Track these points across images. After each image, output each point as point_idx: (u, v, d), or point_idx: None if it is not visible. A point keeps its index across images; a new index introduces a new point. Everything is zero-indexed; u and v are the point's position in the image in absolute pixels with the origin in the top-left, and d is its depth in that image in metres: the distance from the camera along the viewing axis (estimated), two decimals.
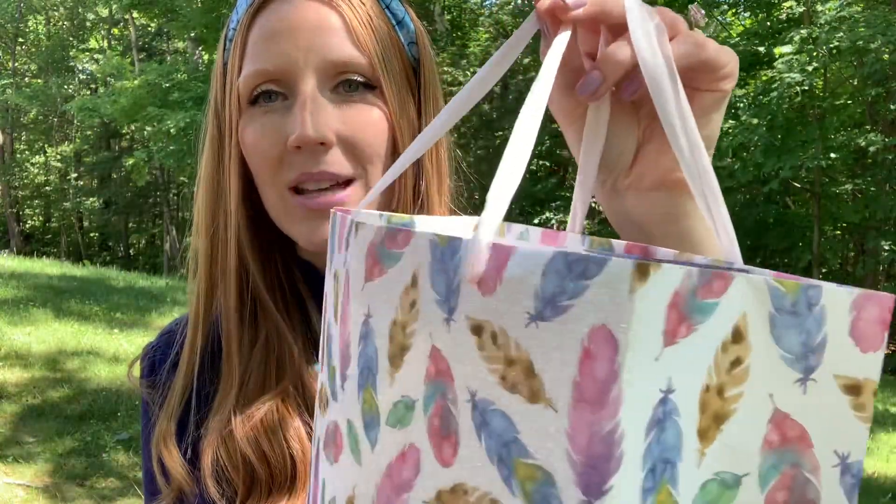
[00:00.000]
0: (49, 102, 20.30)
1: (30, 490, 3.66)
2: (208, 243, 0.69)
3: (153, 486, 0.66)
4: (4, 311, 6.77)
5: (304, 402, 0.64)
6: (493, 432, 0.27)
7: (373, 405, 0.32)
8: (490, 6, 15.40)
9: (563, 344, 0.25)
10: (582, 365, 0.25)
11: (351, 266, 0.35)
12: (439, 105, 0.71)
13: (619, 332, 0.24)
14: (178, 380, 0.68)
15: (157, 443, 0.66)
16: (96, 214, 22.55)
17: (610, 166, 0.46)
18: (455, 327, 0.29)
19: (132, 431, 4.43)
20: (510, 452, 0.27)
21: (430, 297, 0.30)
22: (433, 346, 0.30)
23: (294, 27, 0.62)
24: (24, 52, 23.19)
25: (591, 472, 0.24)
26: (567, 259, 0.25)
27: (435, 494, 0.29)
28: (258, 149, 0.63)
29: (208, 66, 13.92)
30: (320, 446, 0.39)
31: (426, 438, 0.30)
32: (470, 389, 0.28)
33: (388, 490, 0.31)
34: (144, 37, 21.72)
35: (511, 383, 0.27)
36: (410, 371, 0.31)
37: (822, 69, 8.97)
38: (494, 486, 0.27)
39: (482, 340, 0.28)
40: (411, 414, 0.31)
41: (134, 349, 6.00)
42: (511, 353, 0.27)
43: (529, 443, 0.26)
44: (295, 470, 0.61)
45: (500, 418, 0.27)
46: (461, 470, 0.28)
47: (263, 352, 0.66)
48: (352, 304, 0.34)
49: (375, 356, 0.32)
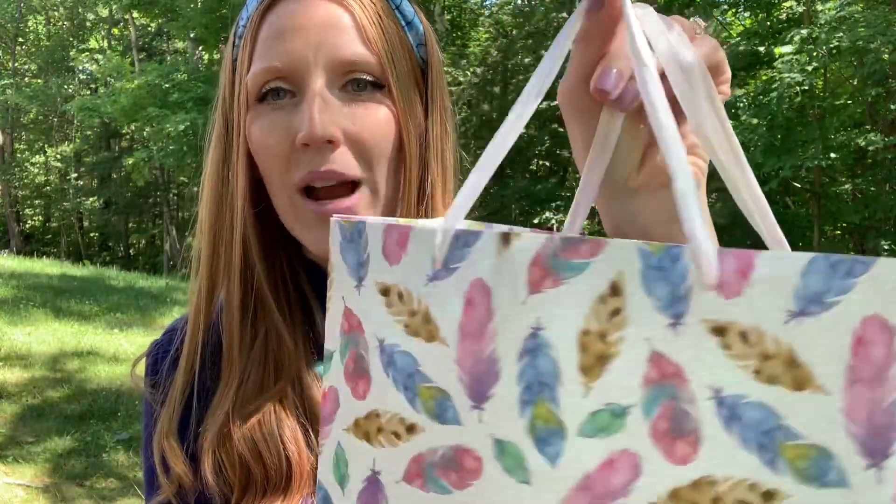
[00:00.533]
0: (49, 102, 20.31)
1: (30, 490, 3.66)
2: (212, 240, 0.69)
3: (155, 483, 0.66)
4: (4, 311, 6.77)
5: (301, 404, 0.64)
6: (749, 423, 0.29)
7: (551, 419, 0.33)
8: (490, 6, 15.40)
9: (833, 334, 0.28)
10: (855, 351, 0.28)
11: (485, 280, 0.35)
12: (446, 107, 0.71)
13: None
14: (178, 377, 0.68)
15: (159, 439, 0.66)
16: (96, 214, 22.55)
17: (616, 168, 0.45)
18: (685, 331, 0.30)
19: (132, 431, 4.43)
20: (773, 439, 0.29)
21: (644, 304, 0.31)
22: (653, 352, 0.31)
23: (304, 25, 0.62)
24: (24, 52, 23.20)
25: (875, 440, 0.28)
26: (829, 260, 0.28)
27: (668, 493, 0.31)
28: (266, 146, 0.63)
29: (208, 66, 13.92)
30: (403, 477, 0.38)
31: (649, 442, 0.31)
32: (714, 387, 0.30)
33: (585, 501, 0.32)
34: (144, 37, 21.72)
35: (768, 376, 0.29)
36: (617, 379, 0.32)
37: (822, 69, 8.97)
38: (752, 470, 0.29)
39: (727, 341, 0.30)
40: (621, 421, 0.32)
41: (134, 349, 6.00)
42: (768, 348, 0.29)
43: (797, 426, 0.29)
44: (290, 471, 0.61)
45: (757, 409, 0.29)
46: (705, 463, 0.30)
47: (262, 351, 0.66)
48: (496, 321, 0.34)
49: (555, 369, 0.33)
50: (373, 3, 0.64)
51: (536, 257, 0.33)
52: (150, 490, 0.68)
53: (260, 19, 0.64)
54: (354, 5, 0.63)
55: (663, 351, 0.31)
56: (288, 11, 0.63)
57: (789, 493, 0.29)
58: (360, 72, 0.62)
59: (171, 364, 0.70)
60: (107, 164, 21.75)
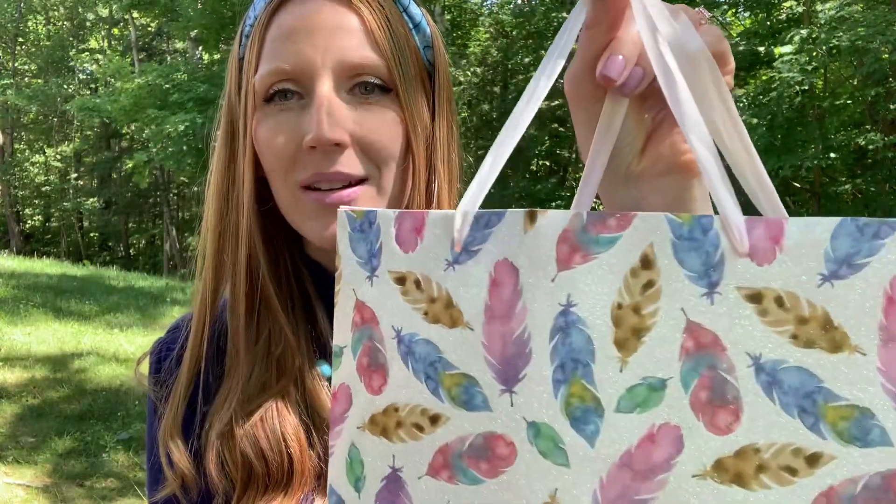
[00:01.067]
0: (49, 102, 20.29)
1: (30, 490, 3.66)
2: (217, 238, 0.69)
3: (160, 479, 0.66)
4: (4, 311, 6.77)
5: (304, 402, 0.65)
6: (789, 388, 0.29)
7: (587, 397, 0.32)
8: (490, 6, 15.40)
9: (865, 295, 0.28)
10: (887, 310, 0.28)
11: (511, 260, 0.35)
12: (452, 109, 0.71)
13: None
14: (182, 374, 0.68)
15: (164, 436, 0.66)
16: (96, 214, 22.55)
17: (619, 154, 0.46)
18: (720, 300, 0.30)
19: (132, 431, 4.43)
20: (814, 402, 0.29)
21: (678, 275, 0.31)
22: (689, 322, 0.31)
23: (313, 27, 0.62)
24: (24, 52, 23.20)
25: None
26: (857, 223, 0.28)
27: (712, 464, 0.30)
28: (272, 147, 0.64)
29: (208, 66, 13.92)
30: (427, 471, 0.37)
31: (690, 413, 0.31)
32: (753, 354, 0.30)
33: (626, 478, 0.32)
34: (144, 37, 21.71)
35: (805, 340, 0.29)
36: (653, 352, 0.32)
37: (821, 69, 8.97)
38: (795, 434, 0.29)
39: (763, 307, 0.30)
40: (661, 394, 0.31)
41: (134, 349, 6.01)
42: (804, 312, 0.29)
43: (836, 388, 0.29)
44: (292, 468, 0.62)
45: (796, 373, 0.29)
46: (748, 431, 0.30)
47: (266, 349, 0.66)
48: (524, 300, 0.34)
49: (589, 345, 0.32)
50: (381, 6, 0.64)
51: (564, 233, 0.33)
52: (154, 486, 0.68)
53: (268, 20, 0.65)
54: (363, 8, 0.63)
55: (699, 321, 0.31)
56: (297, 13, 0.63)
57: (834, 455, 0.29)
58: (368, 75, 0.63)
59: (175, 362, 0.71)
60: (107, 164, 21.75)
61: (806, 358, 0.29)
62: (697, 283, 0.31)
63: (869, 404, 0.28)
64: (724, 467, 0.30)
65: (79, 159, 23.00)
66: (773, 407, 0.30)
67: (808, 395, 0.29)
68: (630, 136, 0.45)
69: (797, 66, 8.44)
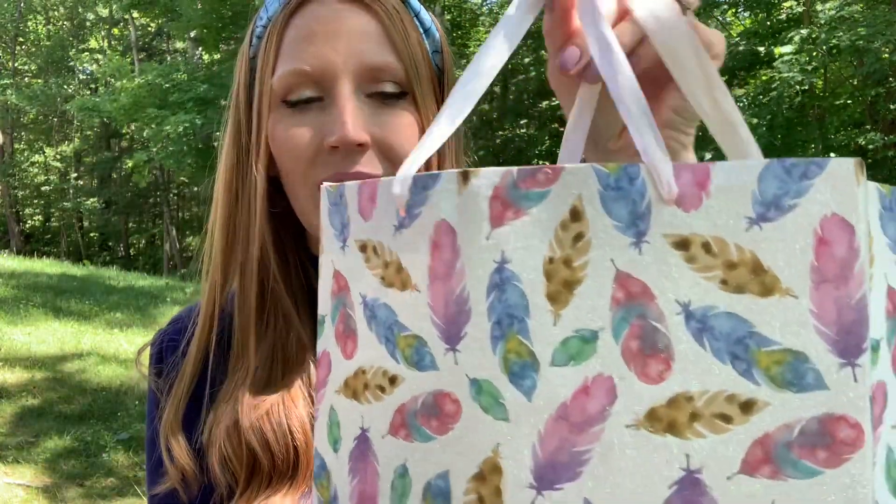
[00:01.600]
0: (49, 102, 20.28)
1: (30, 490, 3.66)
2: (225, 235, 0.70)
3: (160, 471, 0.67)
4: (4, 311, 6.77)
5: (309, 395, 0.65)
6: (720, 334, 0.29)
7: (523, 352, 0.32)
8: (490, 6, 15.40)
9: (794, 236, 0.28)
10: (818, 251, 0.27)
11: (448, 221, 0.35)
12: None
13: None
14: (187, 367, 0.69)
15: (165, 429, 0.66)
16: (96, 214, 22.53)
17: (598, 133, 0.48)
18: (649, 248, 0.30)
19: (132, 431, 4.43)
20: (745, 348, 0.29)
21: (606, 225, 0.31)
22: (619, 272, 0.31)
23: (334, 30, 0.63)
24: (24, 52, 23.20)
25: (847, 337, 0.27)
26: (783, 164, 0.28)
27: (645, 413, 0.30)
28: (291, 146, 0.64)
29: (208, 66, 13.91)
30: (389, 430, 0.38)
31: (621, 363, 0.31)
32: (682, 302, 0.30)
33: (564, 430, 0.32)
34: (144, 37, 21.72)
35: (735, 285, 0.29)
36: (586, 303, 0.31)
37: (821, 69, 8.97)
38: (728, 381, 0.29)
39: (691, 254, 0.29)
40: (593, 345, 0.31)
41: (134, 349, 6.00)
42: (732, 256, 0.29)
43: (769, 332, 0.28)
44: (297, 460, 0.62)
45: (727, 319, 0.29)
46: (680, 379, 0.30)
47: (272, 343, 0.67)
48: (462, 260, 0.34)
49: (523, 301, 0.32)
50: (397, 12, 0.65)
51: (496, 190, 0.33)
52: (153, 480, 0.68)
53: (286, 20, 0.65)
54: (381, 13, 0.64)
55: (628, 270, 0.31)
56: (316, 15, 0.64)
57: (768, 401, 0.28)
58: (387, 79, 0.64)
59: (181, 355, 0.71)
60: (107, 164, 21.75)
61: (736, 303, 0.29)
62: (625, 233, 0.31)
63: (802, 348, 0.28)
64: (658, 416, 0.30)
65: (79, 159, 23.00)
66: (704, 354, 0.29)
67: (740, 341, 0.29)
68: (607, 119, 0.47)
69: (797, 66, 8.44)
